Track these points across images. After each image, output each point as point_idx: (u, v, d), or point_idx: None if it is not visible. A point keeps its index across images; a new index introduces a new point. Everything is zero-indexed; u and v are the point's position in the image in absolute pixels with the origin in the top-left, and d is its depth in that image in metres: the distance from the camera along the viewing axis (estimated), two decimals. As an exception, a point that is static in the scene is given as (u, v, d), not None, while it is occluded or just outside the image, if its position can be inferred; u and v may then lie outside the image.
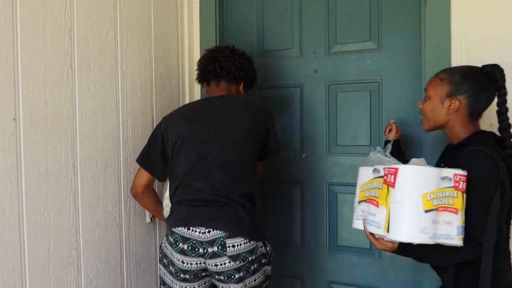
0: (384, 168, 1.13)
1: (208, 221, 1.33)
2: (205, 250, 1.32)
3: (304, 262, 1.92)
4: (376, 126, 1.77)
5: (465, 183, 1.08)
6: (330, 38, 1.84)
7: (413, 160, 1.14)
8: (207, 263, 1.33)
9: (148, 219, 1.71)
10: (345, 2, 1.80)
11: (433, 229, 1.07)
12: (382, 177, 1.13)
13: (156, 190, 1.66)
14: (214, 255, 1.31)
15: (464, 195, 1.08)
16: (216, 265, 1.32)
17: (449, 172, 1.08)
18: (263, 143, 1.47)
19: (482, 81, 1.20)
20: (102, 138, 1.48)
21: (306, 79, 1.89)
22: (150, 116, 1.74)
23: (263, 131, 1.45)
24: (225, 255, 1.30)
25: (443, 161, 1.30)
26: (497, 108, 1.21)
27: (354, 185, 1.27)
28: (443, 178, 1.08)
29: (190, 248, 1.33)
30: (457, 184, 1.08)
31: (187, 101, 1.98)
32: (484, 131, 1.25)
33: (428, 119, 1.27)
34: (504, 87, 1.20)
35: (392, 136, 1.50)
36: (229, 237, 1.30)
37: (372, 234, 1.16)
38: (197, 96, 2.01)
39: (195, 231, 1.33)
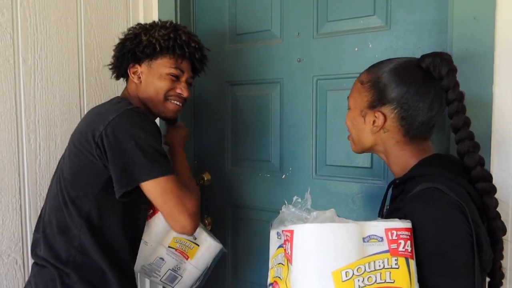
0: (282, 230, 0.73)
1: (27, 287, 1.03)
2: None
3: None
4: (382, 140, 1.22)
5: (408, 242, 0.67)
6: (319, 13, 1.30)
7: (317, 213, 0.70)
8: None
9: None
10: (341, -40, 1.25)
11: None
12: (282, 246, 0.74)
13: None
14: None
15: (411, 261, 0.67)
16: None
17: (377, 227, 0.68)
18: (101, 170, 0.96)
19: (417, 81, 0.79)
20: (-12, 156, 1.12)
21: (287, 71, 1.37)
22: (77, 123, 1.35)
23: (95, 151, 0.94)
24: None
25: (390, 203, 0.89)
26: (450, 121, 0.80)
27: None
28: (368, 239, 0.68)
29: None
30: (394, 246, 0.67)
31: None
32: (439, 154, 0.84)
33: (352, 138, 0.90)
34: (454, 88, 0.77)
35: None
36: None
37: None
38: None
39: None
